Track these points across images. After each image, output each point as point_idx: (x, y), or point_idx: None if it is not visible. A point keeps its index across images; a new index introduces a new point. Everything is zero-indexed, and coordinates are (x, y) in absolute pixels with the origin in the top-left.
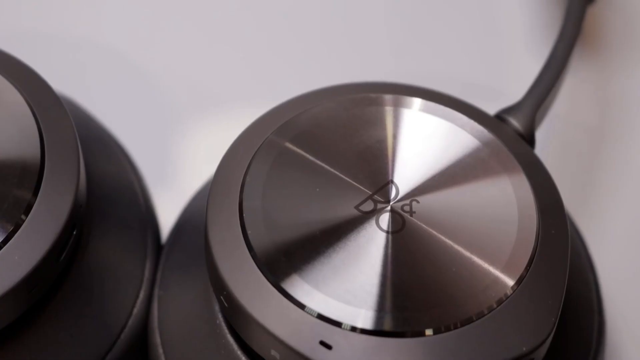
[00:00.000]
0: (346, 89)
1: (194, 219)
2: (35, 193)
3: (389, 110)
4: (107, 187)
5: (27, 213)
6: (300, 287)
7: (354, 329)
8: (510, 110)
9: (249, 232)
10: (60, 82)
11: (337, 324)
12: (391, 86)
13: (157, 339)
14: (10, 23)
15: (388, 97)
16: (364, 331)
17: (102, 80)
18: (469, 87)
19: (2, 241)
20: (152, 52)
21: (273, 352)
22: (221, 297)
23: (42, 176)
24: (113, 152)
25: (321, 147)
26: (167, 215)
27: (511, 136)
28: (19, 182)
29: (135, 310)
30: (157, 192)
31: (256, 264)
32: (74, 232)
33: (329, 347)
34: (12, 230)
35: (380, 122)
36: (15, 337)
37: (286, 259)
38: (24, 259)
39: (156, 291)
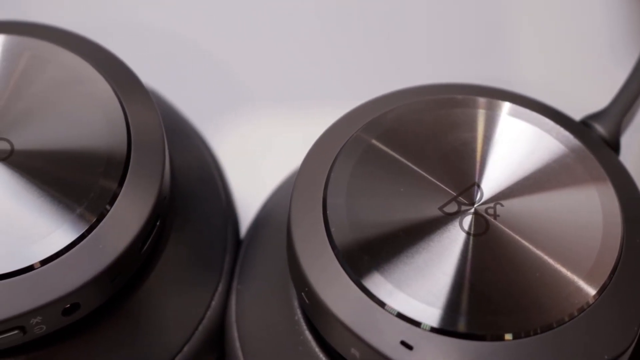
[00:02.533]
0: (432, 89)
1: (274, 214)
2: (121, 184)
3: (475, 113)
4: (190, 179)
5: (112, 203)
6: (383, 286)
7: (435, 330)
8: (596, 116)
9: (332, 229)
10: (144, 74)
11: (419, 324)
12: (477, 88)
13: (235, 333)
14: (97, 15)
15: (474, 99)
16: (445, 332)
17: (184, 73)
18: (553, 92)
19: (87, 230)
20: (236, 46)
21: (353, 351)
22: (302, 294)
23: (127, 167)
24: (195, 145)
25: (407, 146)
26: (247, 209)
27: (596, 142)
28: (105, 172)
29: (213, 303)
30: (237, 185)
31: (338, 261)
32: (157, 223)
33: (409, 347)
34: (97, 220)
35: (466, 124)
36: (96, 326)
37: (369, 257)
38: (108, 248)
39: (234, 285)
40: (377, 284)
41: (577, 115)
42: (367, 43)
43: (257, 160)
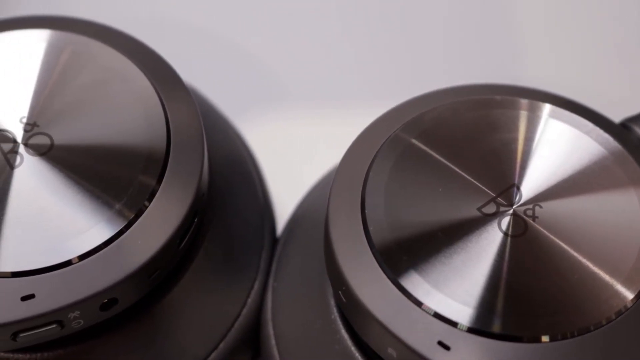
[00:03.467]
0: (471, 89)
1: (310, 212)
2: (160, 180)
3: (515, 114)
4: (227, 176)
5: (150, 200)
6: (421, 286)
7: (472, 330)
8: (635, 118)
9: (370, 228)
10: (183, 70)
11: (456, 324)
12: (516, 89)
13: (270, 330)
14: (135, 10)
15: (514, 100)
16: (482, 333)
17: (223, 70)
18: (592, 94)
19: (125, 226)
20: (275, 44)
21: (390, 350)
22: (339, 292)
23: (167, 164)
24: (233, 142)
25: (446, 146)
26: (283, 207)
27: (636, 145)
28: (144, 169)
29: (249, 301)
30: (274, 183)
31: (376, 260)
32: (195, 220)
33: (447, 347)
34: (135, 216)
35: (506, 125)
36: (132, 321)
37: (407, 257)
38: (146, 244)
39: (271, 282)
40: (415, 283)
41: (616, 117)
42: (407, 43)
43: (294, 158)
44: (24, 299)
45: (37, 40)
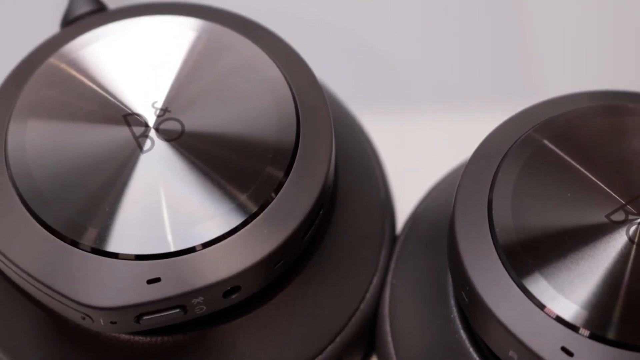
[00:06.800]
0: (603, 95)
1: (432, 211)
2: (287, 172)
3: None
4: (351, 171)
5: (277, 191)
6: (546, 291)
7: (597, 337)
8: None
9: (496, 229)
10: (311, 64)
11: (581, 331)
12: None
13: (387, 327)
14: (266, 3)
15: None
16: (606, 341)
17: (349, 65)
18: None
19: (251, 215)
20: (404, 42)
21: (511, 353)
22: (462, 293)
23: (295, 156)
24: (357, 137)
25: (578, 149)
26: (404, 204)
27: None
28: (272, 160)
29: (367, 296)
30: (395, 179)
31: (502, 262)
32: (320, 212)
33: (570, 353)
34: (261, 206)
35: (637, 133)
36: (253, 310)
37: (532, 260)
38: (273, 233)
39: (389, 279)
40: (540, 287)
41: None
42: (536, 46)
43: (417, 155)
44: (150, 282)
45: (175, 27)
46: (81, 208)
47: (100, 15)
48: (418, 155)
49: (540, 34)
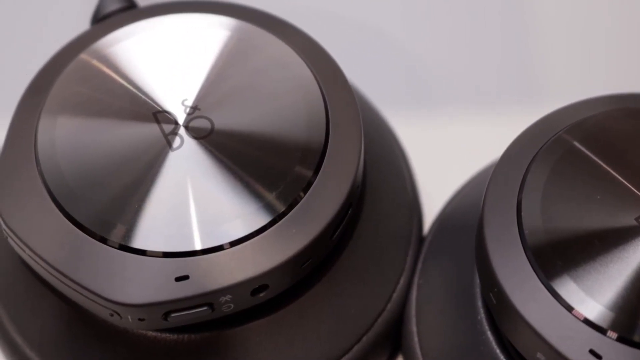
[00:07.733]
0: (634, 98)
1: (460, 212)
2: (316, 172)
3: None
4: (379, 171)
5: (306, 190)
6: (575, 294)
7: (625, 340)
8: None
9: (525, 231)
10: (341, 63)
11: (609, 334)
12: None
13: (413, 327)
14: (296, 2)
15: None
16: (635, 344)
17: (379, 65)
18: None
19: (280, 214)
20: (433, 42)
21: (539, 355)
22: (490, 294)
23: (324, 156)
24: (385, 137)
25: (608, 152)
26: (431, 205)
27: None
28: (301, 159)
29: (394, 296)
30: (423, 180)
31: (530, 264)
32: (349, 212)
33: (598, 356)
34: (290, 205)
35: None
36: (280, 309)
37: (561, 262)
38: (301, 233)
39: (416, 279)
40: (569, 290)
41: None
42: (569, 47)
43: (445, 156)
44: (178, 279)
45: (205, 25)
46: (110, 205)
47: (130, 12)
48: (446, 155)
49: (574, 36)
